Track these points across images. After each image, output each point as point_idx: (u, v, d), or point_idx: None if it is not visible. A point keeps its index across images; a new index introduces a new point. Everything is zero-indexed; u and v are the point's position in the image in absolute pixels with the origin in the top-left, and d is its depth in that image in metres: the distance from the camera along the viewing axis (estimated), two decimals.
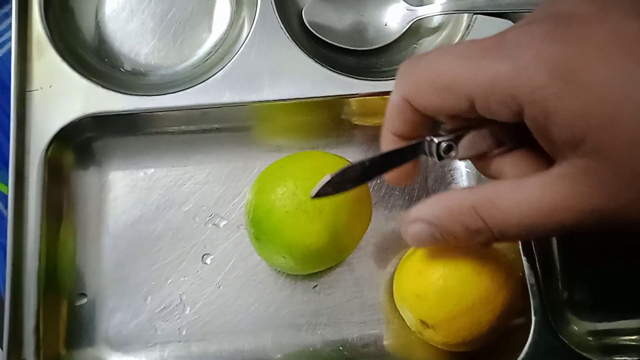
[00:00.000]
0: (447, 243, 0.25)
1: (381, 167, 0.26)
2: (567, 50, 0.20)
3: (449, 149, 0.25)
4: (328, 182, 0.25)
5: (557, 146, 0.21)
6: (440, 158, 0.25)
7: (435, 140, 0.25)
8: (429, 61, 0.24)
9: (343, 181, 0.25)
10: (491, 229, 0.23)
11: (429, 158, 0.26)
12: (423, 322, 0.30)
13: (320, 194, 0.25)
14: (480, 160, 0.26)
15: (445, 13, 0.38)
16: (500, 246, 0.31)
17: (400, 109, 0.25)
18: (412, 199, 0.37)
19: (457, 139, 0.25)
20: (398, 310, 0.33)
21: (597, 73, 0.19)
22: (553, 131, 0.21)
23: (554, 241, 0.36)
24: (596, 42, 0.20)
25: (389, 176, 0.29)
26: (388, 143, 0.27)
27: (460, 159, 0.25)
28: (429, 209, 0.25)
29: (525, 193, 0.22)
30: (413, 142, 0.26)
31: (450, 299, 0.28)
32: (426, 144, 0.26)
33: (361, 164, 0.26)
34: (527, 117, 0.21)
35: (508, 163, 0.25)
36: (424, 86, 0.24)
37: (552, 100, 0.20)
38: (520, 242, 0.33)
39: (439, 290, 0.28)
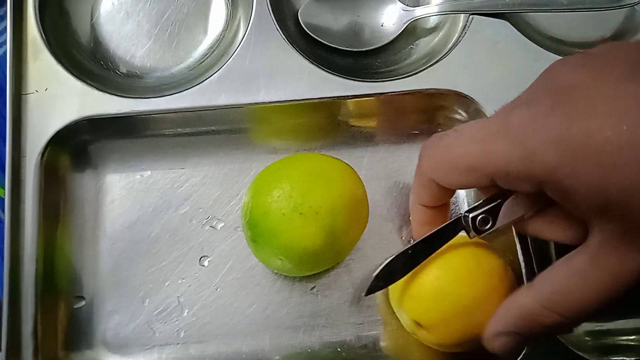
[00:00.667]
0: (537, 341, 0.27)
1: (424, 252, 0.28)
2: (571, 128, 0.21)
3: (484, 221, 0.26)
4: (377, 277, 0.27)
5: (583, 213, 0.22)
6: (477, 232, 0.27)
7: (470, 215, 0.27)
8: (447, 145, 0.26)
9: (391, 272, 0.27)
10: (570, 318, 0.24)
11: (467, 233, 0.27)
12: (417, 323, 0.30)
13: (371, 290, 0.27)
14: (517, 225, 0.27)
15: (441, 13, 0.38)
16: (496, 246, 0.31)
17: (427, 186, 0.27)
18: (408, 200, 0.37)
19: (491, 211, 0.26)
20: None
21: (605, 145, 0.20)
22: (576, 202, 0.21)
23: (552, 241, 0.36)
24: (599, 113, 0.20)
25: None
26: (418, 213, 0.30)
27: (498, 229, 0.27)
28: (503, 321, 0.26)
29: (583, 275, 0.23)
30: (450, 221, 0.28)
31: (445, 300, 0.28)
32: (462, 220, 0.27)
33: (404, 253, 0.28)
34: (548, 191, 0.22)
35: (545, 223, 0.27)
36: (447, 168, 0.26)
37: (566, 179, 0.21)
38: (517, 242, 0.33)
39: (434, 292, 0.28)
